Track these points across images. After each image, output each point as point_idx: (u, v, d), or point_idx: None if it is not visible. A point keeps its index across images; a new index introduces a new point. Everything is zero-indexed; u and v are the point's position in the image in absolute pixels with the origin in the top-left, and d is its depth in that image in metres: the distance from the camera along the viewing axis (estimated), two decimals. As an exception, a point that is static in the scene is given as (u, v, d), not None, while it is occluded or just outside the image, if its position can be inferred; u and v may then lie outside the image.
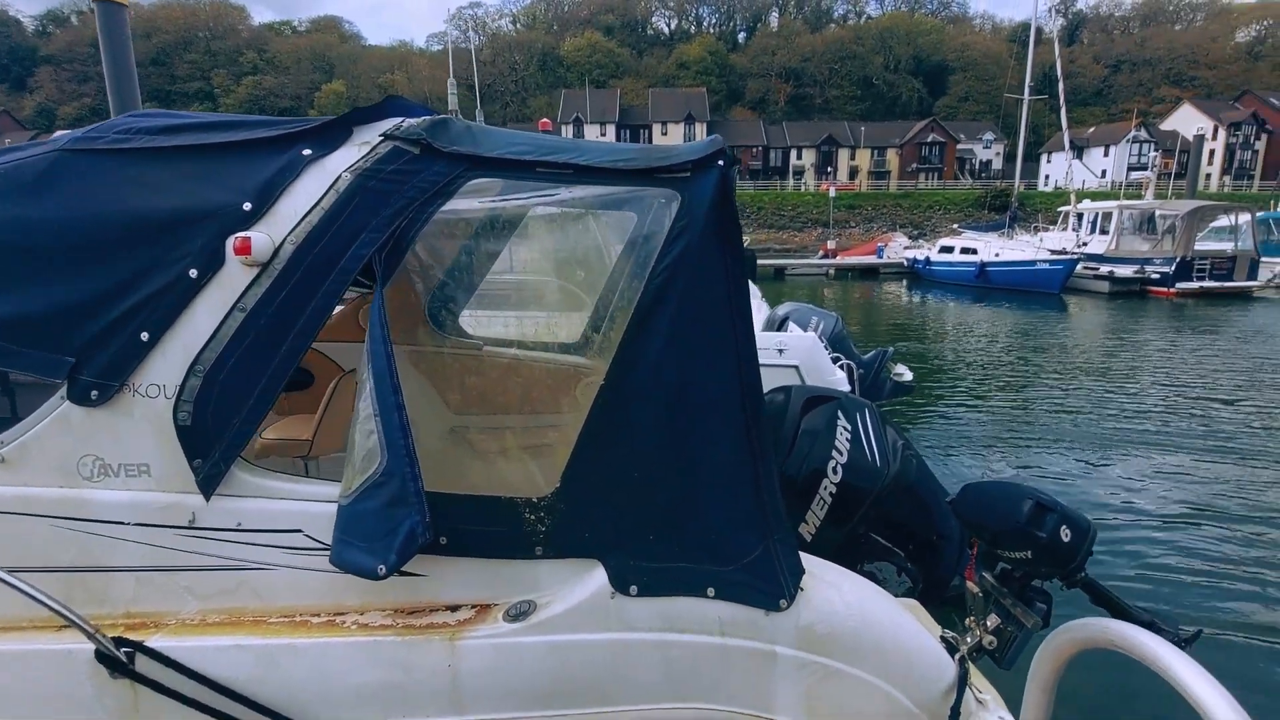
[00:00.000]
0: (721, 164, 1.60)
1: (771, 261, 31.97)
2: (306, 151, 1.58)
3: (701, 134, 71.44)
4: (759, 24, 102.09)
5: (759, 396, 1.63)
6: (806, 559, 1.83)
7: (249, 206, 1.53)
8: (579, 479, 1.58)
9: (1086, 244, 24.66)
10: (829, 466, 2.72)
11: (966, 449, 7.25)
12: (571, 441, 1.57)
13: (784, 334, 5.98)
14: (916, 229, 42.62)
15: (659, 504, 1.58)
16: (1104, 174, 59.85)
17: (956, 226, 31.58)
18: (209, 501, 1.55)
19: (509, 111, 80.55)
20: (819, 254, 34.47)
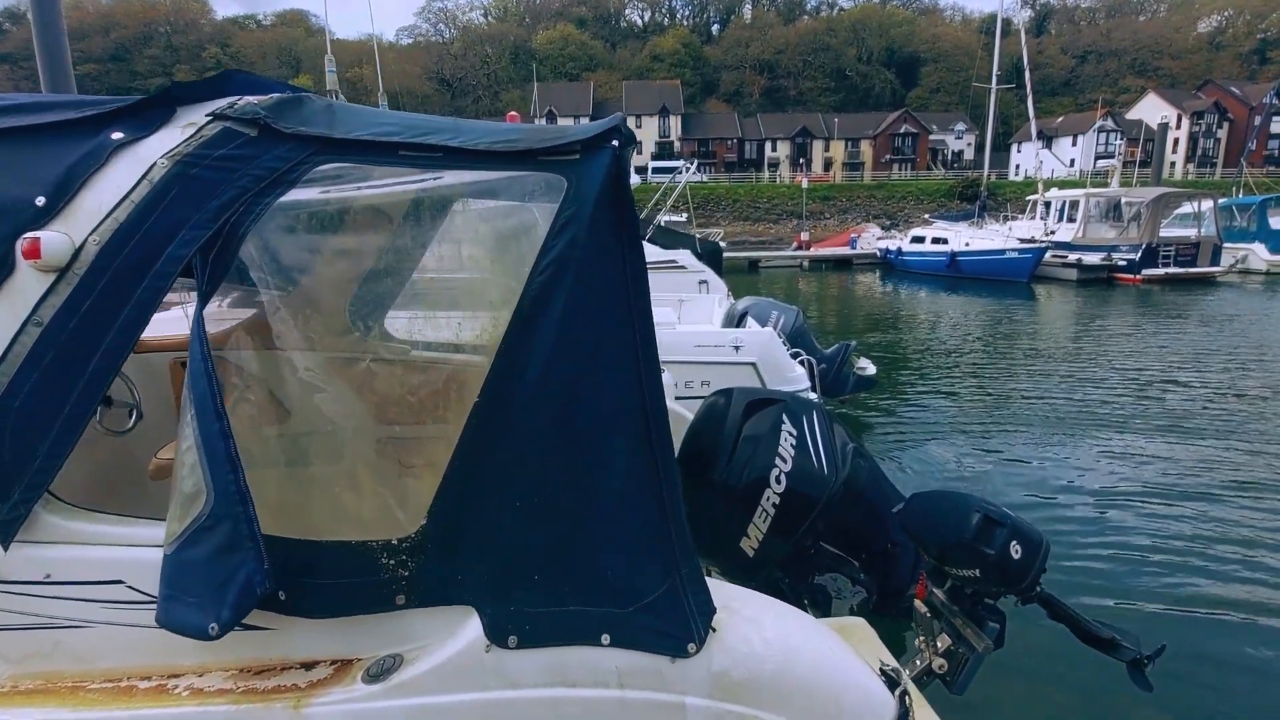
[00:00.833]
0: (615, 144, 1.39)
1: (745, 254, 31.86)
2: (116, 135, 1.34)
3: (676, 127, 71.24)
4: (732, 16, 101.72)
5: (663, 410, 1.42)
6: (723, 590, 1.63)
7: (43, 201, 1.28)
8: (448, 514, 1.36)
9: (1054, 232, 24.92)
10: (772, 475, 2.53)
11: (935, 440, 7.16)
12: (440, 471, 1.36)
13: (740, 330, 5.81)
14: (890, 220, 42.84)
15: (544, 539, 1.37)
16: (1073, 163, 60.73)
17: (928, 216, 31.75)
18: (7, 550, 1.31)
19: (481, 106, 79.44)
20: (792, 246, 34.48)
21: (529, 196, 1.40)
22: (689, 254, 11.02)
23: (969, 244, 24.32)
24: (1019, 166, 64.23)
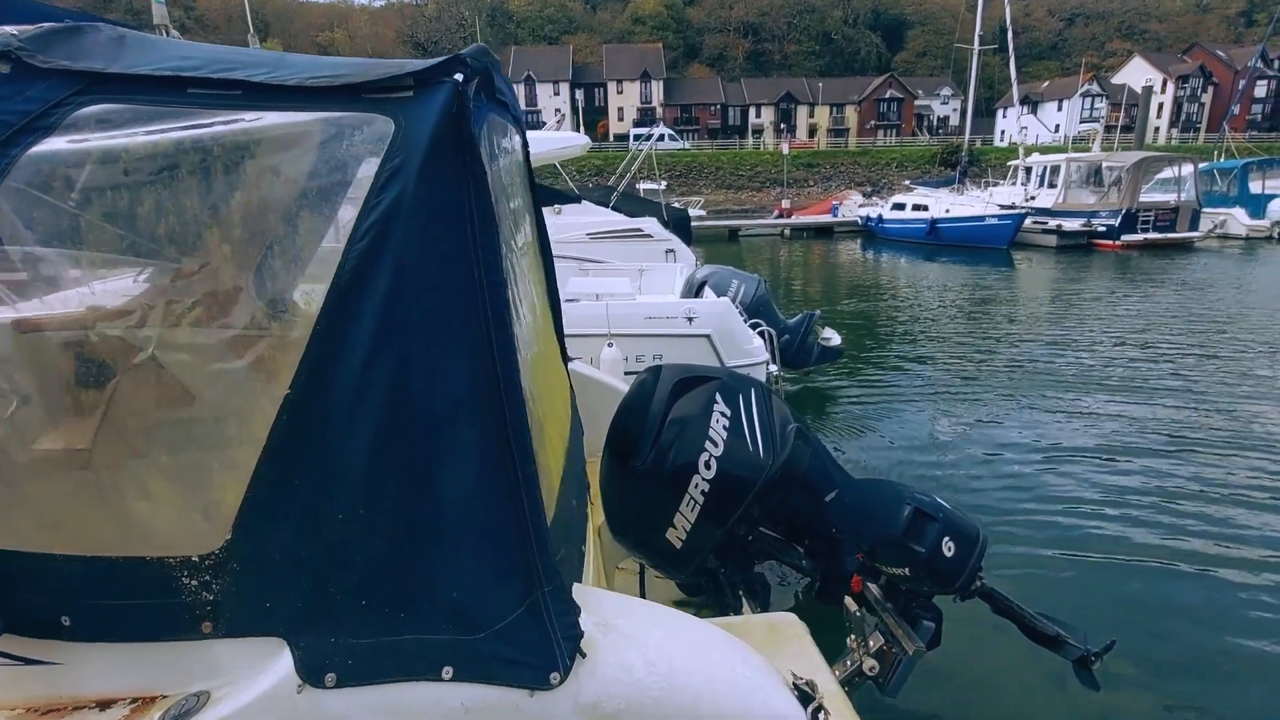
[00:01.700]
0: (458, 78, 1.15)
1: (726, 223, 31.45)
2: None
3: (658, 93, 69.74)
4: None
5: (520, 398, 1.20)
6: (606, 603, 1.43)
7: None
8: (255, 527, 1.14)
9: (1034, 198, 24.75)
10: (701, 460, 2.33)
11: (903, 410, 7.05)
12: (246, 476, 1.13)
13: (694, 301, 5.56)
14: (874, 187, 42.46)
15: (371, 557, 1.16)
16: (1057, 129, 60.36)
17: (909, 183, 31.42)
18: None
19: (458, 71, 77.08)
20: (773, 214, 34.09)
21: (350, 143, 1.15)
22: (655, 222, 10.66)
23: (949, 210, 24.09)
24: (1004, 132, 63.83)
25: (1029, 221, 22.57)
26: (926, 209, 24.84)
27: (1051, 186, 24.80)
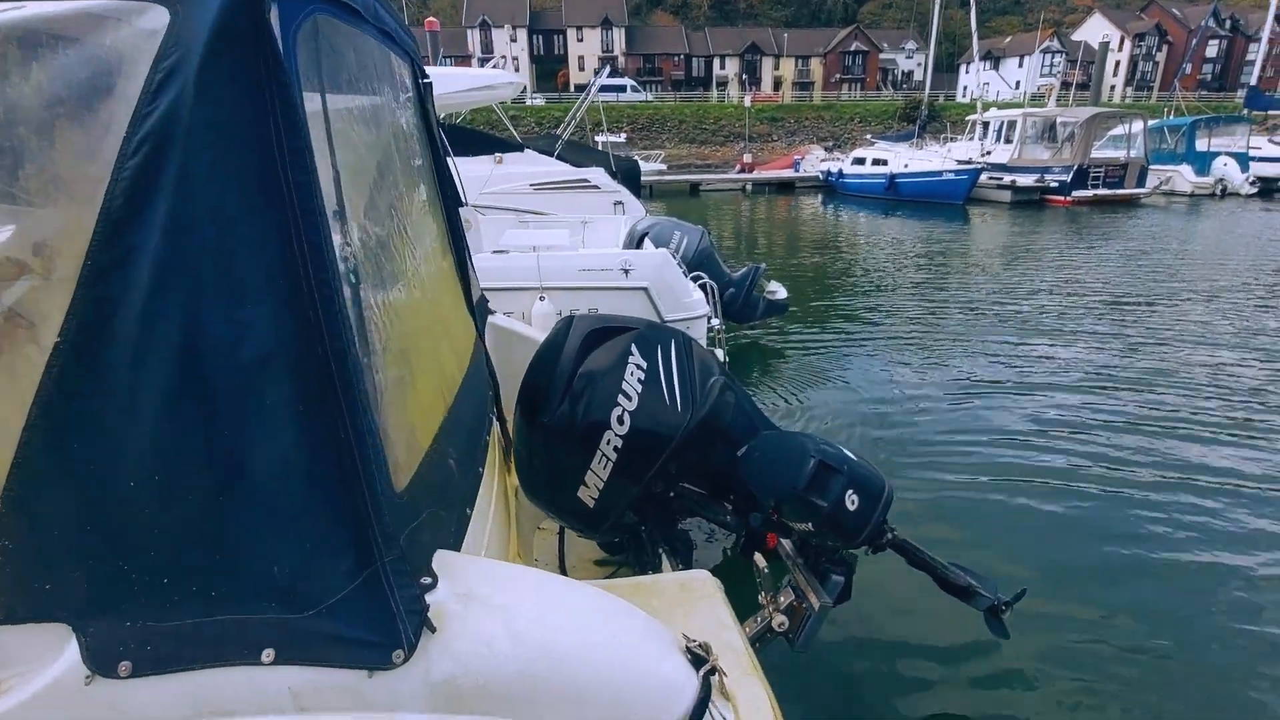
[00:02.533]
0: None
1: (687, 177, 30.99)
2: None
3: (620, 41, 67.58)
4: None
5: (348, 349, 1.04)
6: (472, 570, 1.31)
7: None
8: (28, 500, 0.98)
9: (990, 153, 24.90)
10: (613, 416, 2.21)
11: (852, 360, 7.09)
12: (13, 437, 0.96)
13: (630, 252, 5.37)
14: (837, 141, 42.24)
15: (170, 530, 1.00)
16: (1018, 85, 60.61)
17: (870, 137, 31.31)
18: None
19: (408, 13, 73.54)
20: (735, 169, 33.68)
21: (118, 38, 0.96)
22: (602, 172, 10.15)
23: (907, 165, 24.11)
24: (966, 88, 63.85)
25: (984, 177, 22.73)
26: (886, 164, 24.81)
27: (1008, 142, 24.96)
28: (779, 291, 6.88)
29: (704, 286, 5.52)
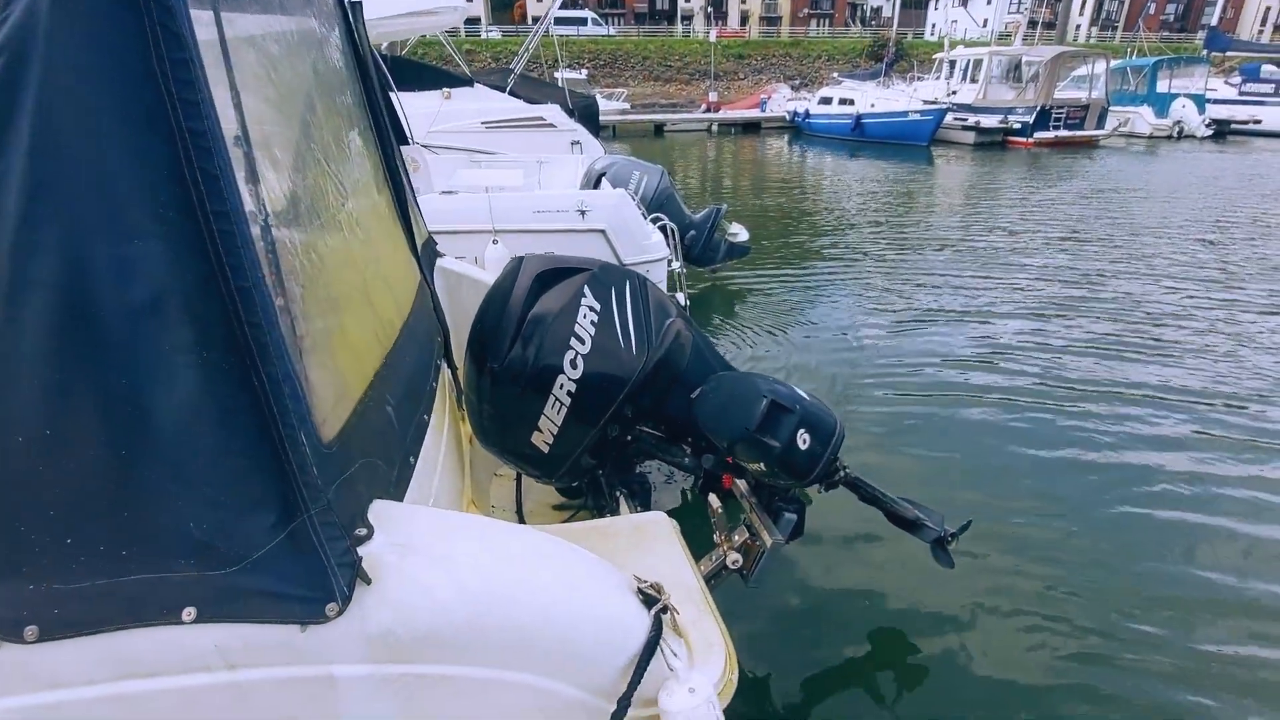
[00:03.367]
0: None
1: (651, 117, 30.16)
2: None
3: (581, -30, 64.31)
4: None
5: (255, 284, 0.96)
6: (411, 519, 1.27)
7: None
8: None
9: (955, 93, 24.71)
10: (565, 359, 2.16)
11: (816, 298, 7.16)
12: None
13: (585, 193, 5.21)
14: (804, 80, 41.41)
15: (70, 487, 0.93)
16: (985, 23, 59.88)
17: (836, 75, 30.74)
18: None
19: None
20: (701, 108, 32.88)
21: None
22: (558, 110, 9.71)
23: (874, 105, 23.82)
24: (935, 26, 62.87)
25: (950, 118, 22.61)
26: (853, 103, 24.46)
27: (974, 82, 24.77)
28: (740, 233, 6.79)
29: (664, 228, 5.41)
